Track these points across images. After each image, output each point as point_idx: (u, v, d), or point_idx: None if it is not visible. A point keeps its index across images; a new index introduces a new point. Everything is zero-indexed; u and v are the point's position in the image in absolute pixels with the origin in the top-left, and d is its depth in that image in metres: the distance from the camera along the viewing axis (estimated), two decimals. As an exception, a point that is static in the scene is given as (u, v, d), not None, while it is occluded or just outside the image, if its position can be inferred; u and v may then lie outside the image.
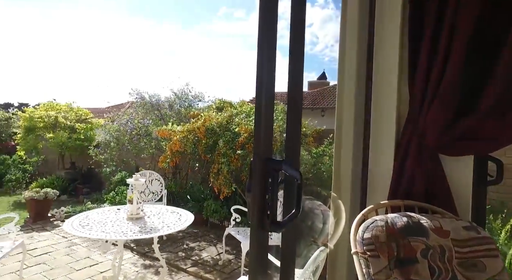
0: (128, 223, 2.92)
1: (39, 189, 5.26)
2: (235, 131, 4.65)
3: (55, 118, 8.16)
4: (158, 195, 5.32)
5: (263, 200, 0.94)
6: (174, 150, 4.78)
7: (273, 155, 1.01)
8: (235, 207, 4.10)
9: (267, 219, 0.93)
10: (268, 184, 0.94)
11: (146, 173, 5.32)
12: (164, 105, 5.81)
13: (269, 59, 1.01)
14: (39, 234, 4.67)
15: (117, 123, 5.84)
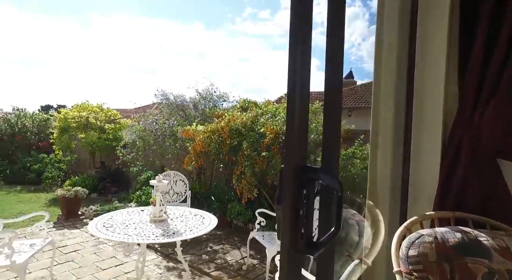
0: (151, 226, 2.86)
1: (70, 188, 5.42)
2: (260, 132, 4.51)
3: (86, 118, 8.45)
4: (182, 196, 5.29)
5: (296, 216, 0.78)
6: (198, 150, 4.72)
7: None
8: (260, 211, 3.95)
9: (300, 239, 0.78)
10: (302, 196, 0.79)
11: (170, 174, 5.32)
12: (188, 106, 5.80)
13: (303, 53, 0.85)
14: (69, 231, 4.79)
15: (143, 123, 5.90)
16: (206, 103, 6.46)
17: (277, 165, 4.22)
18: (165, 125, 5.63)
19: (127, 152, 6.24)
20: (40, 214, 3.43)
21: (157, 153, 5.97)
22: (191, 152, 4.72)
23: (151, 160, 6.13)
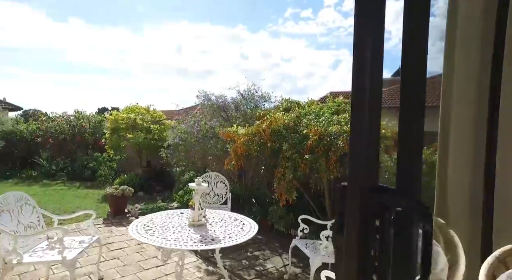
0: (190, 230, 2.77)
1: (118, 186, 5.65)
2: (303, 133, 4.26)
3: (134, 120, 8.86)
4: (223, 198, 5.23)
5: (365, 257, 0.56)
6: (238, 153, 4.60)
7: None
8: (303, 217, 3.70)
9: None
10: (374, 229, 0.56)
11: (211, 175, 5.28)
12: (230, 106, 5.73)
13: (374, 52, 0.62)
14: (117, 228, 4.98)
15: (185, 125, 5.96)
16: (247, 104, 6.35)
17: (321, 169, 3.93)
18: (207, 126, 5.62)
19: (170, 153, 6.35)
20: (88, 212, 3.54)
21: (199, 154, 5.99)
22: (232, 154, 4.62)
23: (193, 161, 6.17)
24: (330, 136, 4.08)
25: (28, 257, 2.82)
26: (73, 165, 10.57)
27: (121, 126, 8.94)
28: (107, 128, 9.33)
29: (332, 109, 5.16)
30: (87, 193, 8.29)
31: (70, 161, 10.80)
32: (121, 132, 9.03)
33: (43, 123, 11.37)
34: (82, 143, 11.46)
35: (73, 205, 6.92)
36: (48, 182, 9.60)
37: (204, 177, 5.22)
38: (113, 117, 9.12)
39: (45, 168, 10.30)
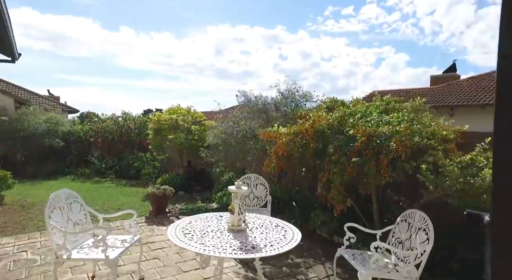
0: (229, 236, 2.64)
1: (159, 186, 5.76)
2: (349, 134, 3.94)
3: (175, 120, 9.08)
4: (262, 201, 5.07)
5: None
6: (279, 154, 4.40)
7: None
8: (350, 225, 3.40)
9: None
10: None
11: (251, 177, 5.15)
12: (270, 107, 5.56)
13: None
14: (158, 228, 5.05)
15: (224, 125, 5.91)
16: (288, 104, 6.13)
17: (370, 173, 3.58)
18: (246, 126, 5.50)
19: (210, 153, 6.35)
20: (130, 212, 3.59)
21: (238, 155, 5.90)
22: (272, 155, 4.43)
23: (233, 162, 6.10)
24: (380, 137, 3.72)
25: (76, 253, 2.89)
26: (120, 164, 11.17)
27: (164, 127, 9.20)
28: (151, 128, 9.67)
29: (380, 108, 4.75)
30: (132, 191, 8.65)
31: (117, 160, 11.43)
32: (163, 132, 9.30)
33: (94, 124, 12.17)
34: (128, 143, 12.08)
35: (119, 202, 7.24)
36: (98, 179, 10.23)
37: (244, 179, 5.10)
38: (156, 118, 9.43)
39: (96, 166, 11.01)
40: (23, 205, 6.66)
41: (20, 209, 6.35)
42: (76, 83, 52.81)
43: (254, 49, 79.87)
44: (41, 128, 10.67)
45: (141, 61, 68.06)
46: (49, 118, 11.14)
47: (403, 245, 2.95)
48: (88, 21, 55.81)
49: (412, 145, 3.36)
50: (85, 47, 52.32)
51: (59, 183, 9.29)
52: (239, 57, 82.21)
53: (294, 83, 6.32)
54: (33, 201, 6.98)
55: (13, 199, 7.04)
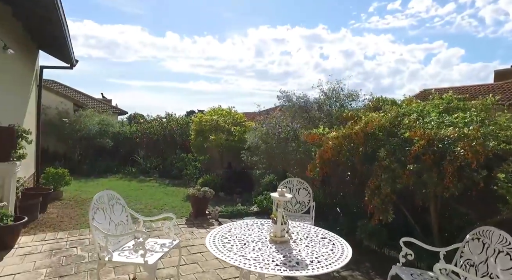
0: (271, 248, 2.41)
1: (199, 187, 5.73)
2: (404, 137, 3.50)
3: (216, 121, 9.11)
4: (305, 206, 4.77)
5: None
6: (325, 158, 4.08)
7: None
8: (406, 239, 2.99)
9: None
10: None
11: (293, 181, 4.89)
12: (312, 107, 5.24)
13: None
14: (198, 230, 5.00)
15: (265, 126, 5.71)
16: (332, 104, 5.76)
17: (431, 182, 3.13)
18: (288, 128, 5.25)
19: (250, 155, 6.19)
20: (169, 215, 3.53)
21: (279, 157, 5.66)
22: (317, 158, 4.13)
23: (273, 164, 5.89)
24: (442, 141, 3.25)
25: (117, 256, 2.88)
26: (164, 164, 11.54)
27: (205, 128, 9.30)
28: (192, 129, 9.83)
29: (440, 108, 4.22)
30: (174, 191, 8.83)
31: (161, 160, 11.84)
32: (204, 133, 9.40)
33: (140, 125, 12.74)
34: (171, 143, 12.46)
35: (162, 202, 7.39)
36: (143, 178, 10.66)
37: (285, 183, 4.86)
38: (197, 119, 9.56)
39: (141, 165, 11.49)
40: (78, 200, 7.08)
41: (75, 204, 6.75)
42: (125, 87, 56.63)
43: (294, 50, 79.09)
44: (95, 129, 11.41)
45: (184, 64, 70.98)
46: (101, 120, 11.89)
47: (476, 269, 2.49)
48: (137, 29, 59.66)
49: (485, 151, 2.85)
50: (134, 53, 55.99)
51: (108, 181, 9.83)
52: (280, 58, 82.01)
53: (338, 82, 5.94)
54: (86, 197, 7.40)
55: (69, 195, 7.53)
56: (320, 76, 17.17)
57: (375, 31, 64.31)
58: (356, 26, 63.38)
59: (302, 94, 5.58)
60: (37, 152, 7.50)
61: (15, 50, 5.43)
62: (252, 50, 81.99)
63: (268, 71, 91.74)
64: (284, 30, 78.36)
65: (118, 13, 46.84)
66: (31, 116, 6.99)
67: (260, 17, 66.27)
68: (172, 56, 63.88)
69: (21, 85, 6.31)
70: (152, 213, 6.19)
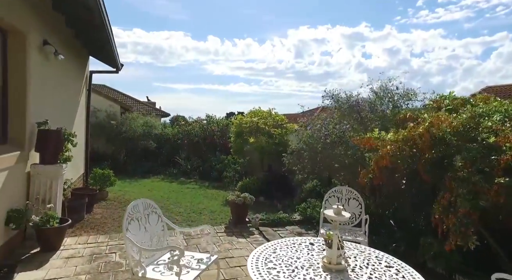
0: (326, 278, 1.98)
1: (239, 193, 5.42)
2: (487, 143, 2.84)
3: (256, 123, 8.79)
4: (355, 219, 4.23)
5: None
6: (380, 165, 3.53)
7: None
8: (500, 276, 2.35)
9: None
10: None
11: (342, 190, 4.36)
12: (364, 107, 4.65)
13: None
14: (237, 239, 4.69)
15: (310, 128, 5.23)
16: (385, 104, 5.12)
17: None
18: (335, 130, 4.73)
19: (292, 159, 5.75)
20: (206, 228, 3.24)
21: (325, 162, 5.15)
22: (373, 165, 3.58)
23: (318, 169, 5.39)
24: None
25: (151, 271, 2.64)
26: (204, 166, 11.54)
27: (245, 130, 9.03)
28: (232, 132, 9.62)
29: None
30: (213, 194, 8.69)
31: (201, 162, 11.85)
32: (244, 136, 9.14)
33: (181, 127, 12.90)
34: (211, 145, 12.43)
35: (201, 205, 7.24)
36: (184, 180, 10.71)
37: (334, 192, 4.35)
38: (237, 121, 9.33)
39: (182, 167, 11.59)
40: (121, 201, 7.20)
41: (118, 205, 6.85)
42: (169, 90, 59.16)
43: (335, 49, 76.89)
44: (139, 130, 11.75)
45: (225, 67, 72.47)
46: (145, 122, 12.23)
47: None
48: (181, 34, 62.20)
49: None
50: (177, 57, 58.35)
51: (150, 182, 10.00)
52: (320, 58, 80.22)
53: (390, 80, 5.25)
54: (128, 198, 7.51)
55: (114, 195, 7.70)
56: (362, 76, 16.00)
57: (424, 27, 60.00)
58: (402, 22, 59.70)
59: (351, 93, 5.00)
60: (87, 154, 7.79)
61: (68, 57, 5.61)
62: (291, 51, 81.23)
63: (307, 72, 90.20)
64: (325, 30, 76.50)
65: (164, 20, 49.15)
66: (81, 119, 7.25)
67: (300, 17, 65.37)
68: (213, 60, 65.78)
69: (73, 89, 6.55)
70: (190, 218, 6.03)
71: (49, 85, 4.90)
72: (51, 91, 5.03)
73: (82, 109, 7.34)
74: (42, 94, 4.58)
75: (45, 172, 4.22)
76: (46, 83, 4.75)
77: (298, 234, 5.11)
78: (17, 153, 3.82)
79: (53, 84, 5.11)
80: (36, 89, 4.29)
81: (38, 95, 4.39)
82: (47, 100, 4.84)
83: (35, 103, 4.28)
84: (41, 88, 4.51)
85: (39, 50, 4.38)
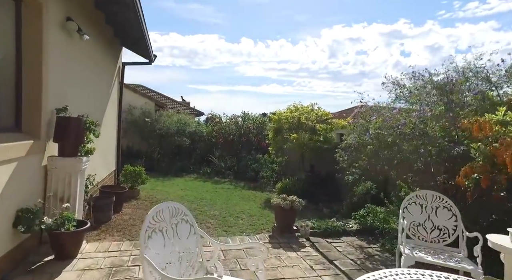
0: None
1: (285, 196, 4.45)
2: None
3: (298, 119, 7.78)
4: (448, 235, 3.08)
5: None
6: (500, 160, 2.38)
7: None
8: None
9: None
10: None
11: (426, 196, 3.23)
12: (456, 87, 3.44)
13: None
14: (286, 253, 3.71)
15: (375, 118, 4.11)
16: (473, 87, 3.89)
17: None
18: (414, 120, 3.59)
19: (348, 155, 4.67)
20: (255, 246, 2.31)
21: (391, 159, 4.01)
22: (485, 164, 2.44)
23: (380, 167, 4.25)
24: None
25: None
26: (239, 165, 10.72)
27: (285, 126, 8.06)
28: (270, 128, 8.68)
29: None
30: (250, 195, 7.81)
31: (236, 161, 11.05)
32: (284, 132, 8.18)
33: (216, 125, 12.21)
34: (246, 143, 11.60)
35: (238, 208, 6.38)
36: (218, 179, 9.95)
37: (415, 198, 3.25)
38: (276, 117, 8.38)
39: (216, 166, 10.85)
40: (152, 201, 6.55)
41: (149, 205, 6.20)
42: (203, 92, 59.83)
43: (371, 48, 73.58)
44: (173, 127, 11.22)
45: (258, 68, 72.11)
46: (179, 119, 11.69)
47: None
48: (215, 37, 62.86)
49: None
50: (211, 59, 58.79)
51: (184, 181, 9.35)
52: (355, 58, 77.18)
53: (477, 57, 3.98)
54: (160, 198, 6.86)
55: (146, 194, 7.10)
56: (399, 75, 14.35)
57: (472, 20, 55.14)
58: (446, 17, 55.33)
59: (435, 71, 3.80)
60: (118, 149, 7.26)
61: (97, 42, 5.05)
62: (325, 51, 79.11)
63: (342, 72, 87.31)
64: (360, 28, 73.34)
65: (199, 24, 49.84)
66: (112, 113, 6.72)
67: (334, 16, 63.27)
68: (246, 61, 65.74)
69: (104, 80, 6.00)
70: (227, 223, 5.16)
71: (74, 69, 4.29)
72: (77, 77, 4.42)
73: (113, 102, 6.81)
74: (65, 77, 3.96)
75: (64, 166, 3.55)
76: (70, 66, 4.14)
77: (359, 247, 4.04)
78: (29, 142, 3.17)
79: (79, 69, 4.50)
80: (56, 70, 3.65)
81: (59, 77, 3.76)
82: (72, 87, 4.24)
83: (55, 86, 3.64)
84: (63, 70, 3.89)
85: (60, 26, 3.75)
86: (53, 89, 3.58)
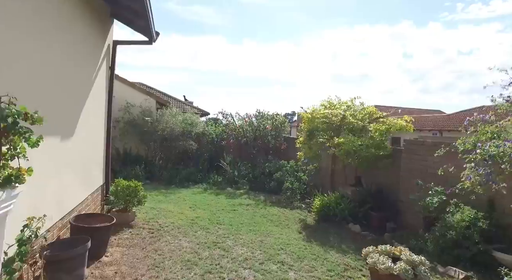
0: None
1: (390, 247, 2.44)
2: None
3: (342, 117, 5.77)
4: None
5: None
6: None
7: None
8: None
9: None
10: None
11: None
12: None
13: None
14: None
15: None
16: None
17: None
18: None
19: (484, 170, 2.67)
20: None
21: None
22: None
23: None
24: None
25: None
26: (254, 172, 8.72)
27: (321, 126, 6.06)
28: (302, 129, 6.66)
29: None
30: (278, 215, 5.79)
31: (250, 167, 9.04)
32: (318, 135, 6.17)
33: (229, 125, 10.18)
34: (262, 147, 9.61)
35: (273, 240, 4.37)
36: (232, 191, 7.91)
37: None
38: (308, 115, 6.35)
39: (228, 174, 8.81)
40: (153, 228, 4.53)
41: (149, 238, 4.18)
42: (204, 93, 57.78)
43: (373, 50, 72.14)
44: (177, 128, 9.17)
45: (260, 70, 70.11)
46: (185, 119, 9.63)
47: None
48: (216, 39, 60.82)
49: None
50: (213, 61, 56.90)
51: (191, 194, 7.28)
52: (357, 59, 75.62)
53: None
54: (164, 222, 4.83)
55: (144, 217, 5.07)
56: (402, 77, 12.93)
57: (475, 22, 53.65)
58: (449, 18, 53.66)
59: None
60: (107, 157, 5.19)
61: None
62: (328, 53, 77.57)
63: (343, 74, 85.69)
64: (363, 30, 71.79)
65: (201, 25, 47.91)
66: (97, 109, 4.67)
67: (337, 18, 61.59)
68: (248, 62, 63.88)
69: (85, 61, 3.96)
70: (272, 277, 3.12)
71: (14, 35, 2.25)
72: (23, 48, 2.38)
73: (99, 93, 4.75)
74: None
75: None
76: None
77: None
78: None
79: (24, 32, 2.46)
80: None
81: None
82: (15, 62, 2.20)
83: None
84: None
85: None
86: None
